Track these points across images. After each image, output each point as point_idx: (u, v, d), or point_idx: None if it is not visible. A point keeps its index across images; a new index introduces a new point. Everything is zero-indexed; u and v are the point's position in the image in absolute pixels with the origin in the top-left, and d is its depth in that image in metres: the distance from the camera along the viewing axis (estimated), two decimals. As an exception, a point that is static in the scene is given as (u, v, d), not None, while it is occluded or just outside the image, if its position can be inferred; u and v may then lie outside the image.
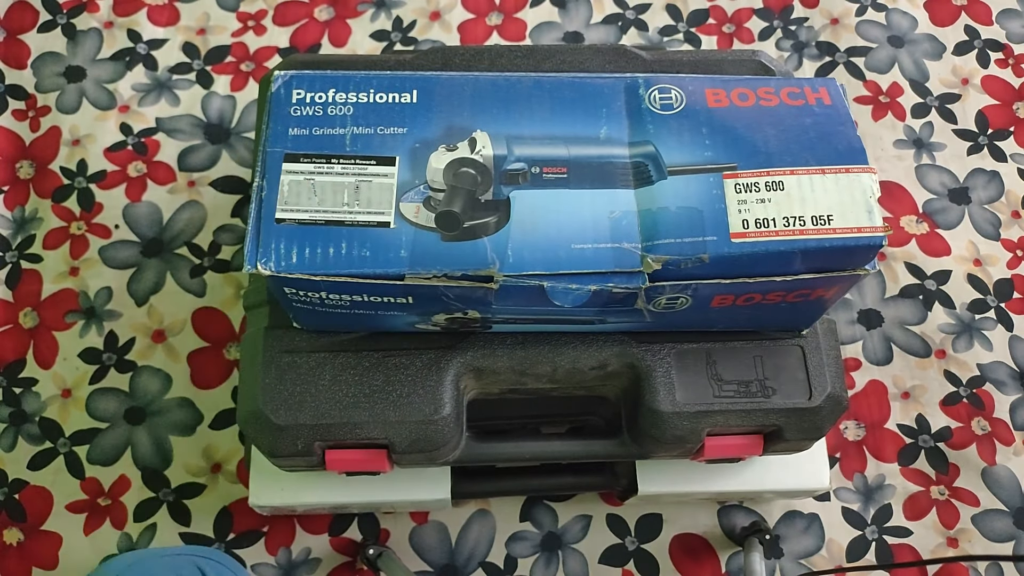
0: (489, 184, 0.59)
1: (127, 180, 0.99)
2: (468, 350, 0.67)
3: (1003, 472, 0.90)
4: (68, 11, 1.07)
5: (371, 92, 0.61)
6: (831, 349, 0.69)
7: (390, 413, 0.65)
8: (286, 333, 0.66)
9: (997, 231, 0.99)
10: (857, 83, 1.05)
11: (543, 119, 0.62)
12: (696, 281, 0.58)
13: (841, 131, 0.60)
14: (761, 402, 0.66)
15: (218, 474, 0.89)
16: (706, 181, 0.59)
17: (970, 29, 1.09)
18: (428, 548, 0.87)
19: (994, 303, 0.96)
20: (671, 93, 0.63)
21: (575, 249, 0.58)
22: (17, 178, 0.99)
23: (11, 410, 0.91)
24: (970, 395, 0.93)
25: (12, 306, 0.95)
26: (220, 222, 0.98)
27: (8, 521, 0.87)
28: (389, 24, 1.08)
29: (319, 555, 0.87)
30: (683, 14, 1.09)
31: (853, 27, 1.08)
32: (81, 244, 0.97)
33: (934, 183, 1.01)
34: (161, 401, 0.91)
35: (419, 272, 0.56)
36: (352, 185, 0.58)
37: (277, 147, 0.59)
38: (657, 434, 0.66)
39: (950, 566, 0.87)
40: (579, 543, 0.87)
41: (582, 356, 0.67)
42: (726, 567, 0.87)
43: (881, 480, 0.90)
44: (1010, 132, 1.04)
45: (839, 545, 0.87)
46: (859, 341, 0.95)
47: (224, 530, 0.87)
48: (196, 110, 1.02)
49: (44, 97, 1.03)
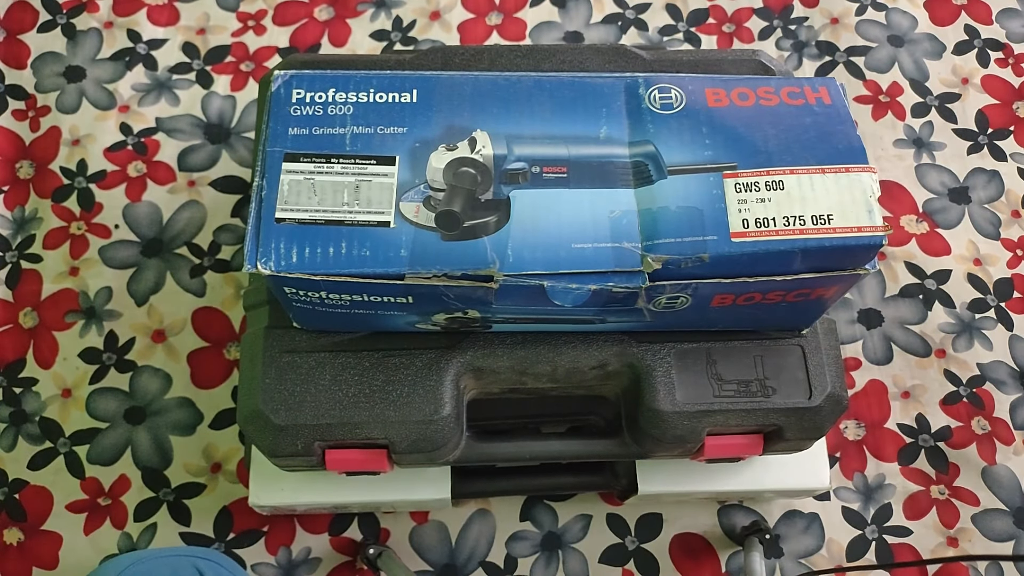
0: (489, 184, 0.59)
1: (127, 180, 0.99)
2: (468, 350, 0.67)
3: (1003, 472, 0.90)
4: (68, 11, 1.07)
5: (371, 92, 0.61)
6: (831, 349, 0.69)
7: (390, 413, 0.65)
8: (286, 333, 0.67)
9: (997, 230, 0.99)
10: (857, 83, 1.05)
11: (543, 119, 0.62)
12: (696, 280, 0.58)
13: (841, 130, 0.60)
14: (761, 402, 0.66)
15: (218, 474, 0.89)
16: (706, 181, 0.59)
17: (970, 29, 1.09)
18: (428, 548, 0.87)
19: (994, 302, 0.96)
20: (671, 93, 0.63)
21: (575, 248, 0.58)
22: (17, 178, 0.99)
23: (11, 410, 0.91)
24: (970, 394, 0.93)
25: (12, 306, 0.94)
26: (220, 222, 0.98)
27: (8, 521, 0.87)
28: (389, 24, 1.07)
29: (319, 555, 0.87)
30: (683, 14, 1.09)
31: (853, 27, 1.08)
32: (81, 244, 0.97)
33: (934, 183, 1.01)
34: (161, 401, 0.91)
35: (419, 272, 0.56)
36: (352, 185, 0.58)
37: (277, 147, 0.59)
38: (657, 434, 0.66)
39: (950, 566, 0.87)
40: (579, 543, 0.87)
41: (582, 356, 0.67)
42: (726, 567, 0.87)
43: (881, 480, 0.90)
44: (1010, 131, 1.04)
45: (839, 545, 0.87)
46: (859, 341, 0.95)
47: (224, 530, 0.87)
48: (196, 110, 1.02)
49: (44, 97, 1.03)
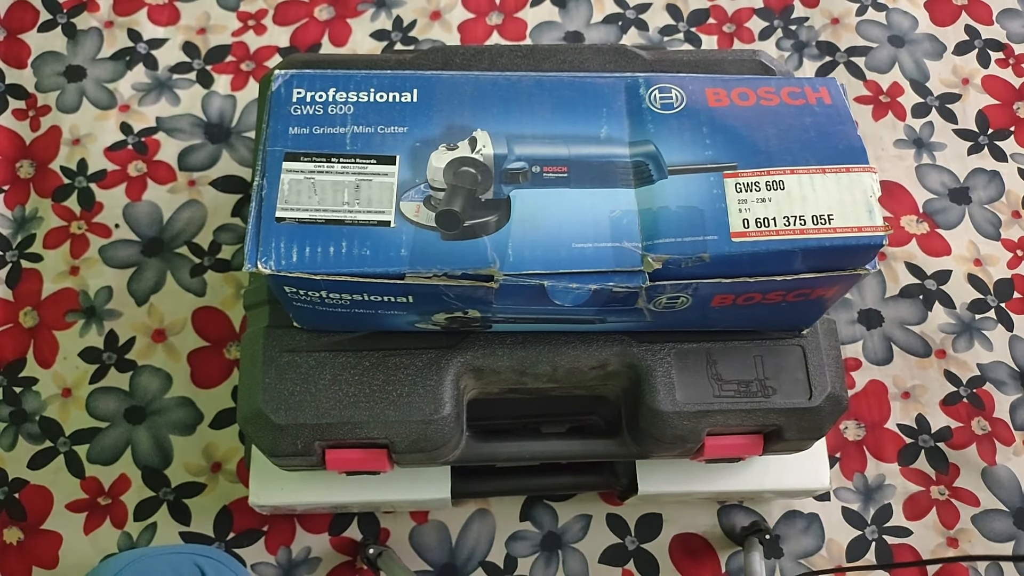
0: (489, 183, 0.59)
1: (127, 179, 0.99)
2: (468, 350, 0.67)
3: (1003, 472, 0.90)
4: (68, 10, 1.07)
5: (371, 91, 0.61)
6: (831, 349, 0.69)
7: (390, 413, 0.65)
8: (286, 333, 0.66)
9: (997, 231, 0.99)
10: (857, 83, 1.05)
11: (543, 118, 0.62)
12: (696, 280, 0.58)
13: (841, 131, 0.60)
14: (761, 402, 0.66)
15: (218, 473, 0.89)
16: (706, 180, 0.59)
17: (970, 29, 1.09)
18: (428, 548, 0.87)
19: (994, 303, 0.96)
20: (671, 93, 0.63)
21: (575, 248, 0.58)
22: (17, 177, 0.99)
23: (11, 409, 0.91)
24: (970, 395, 0.93)
25: (12, 305, 0.94)
26: (220, 221, 0.98)
27: (8, 520, 0.87)
28: (389, 24, 1.07)
29: (319, 554, 0.87)
30: (683, 14, 1.09)
31: (853, 27, 1.08)
32: (81, 243, 0.97)
33: (934, 183, 1.01)
34: (161, 400, 0.91)
35: (419, 271, 0.56)
36: (352, 184, 0.58)
37: (277, 146, 0.59)
38: (657, 434, 0.66)
39: (950, 566, 0.87)
40: (579, 543, 0.87)
41: (582, 356, 0.67)
42: (726, 567, 0.87)
43: (881, 480, 0.90)
44: (1010, 132, 1.04)
45: (839, 545, 0.87)
46: (859, 341, 0.95)
47: (224, 529, 0.87)
48: (196, 109, 1.02)
49: (44, 96, 1.03)
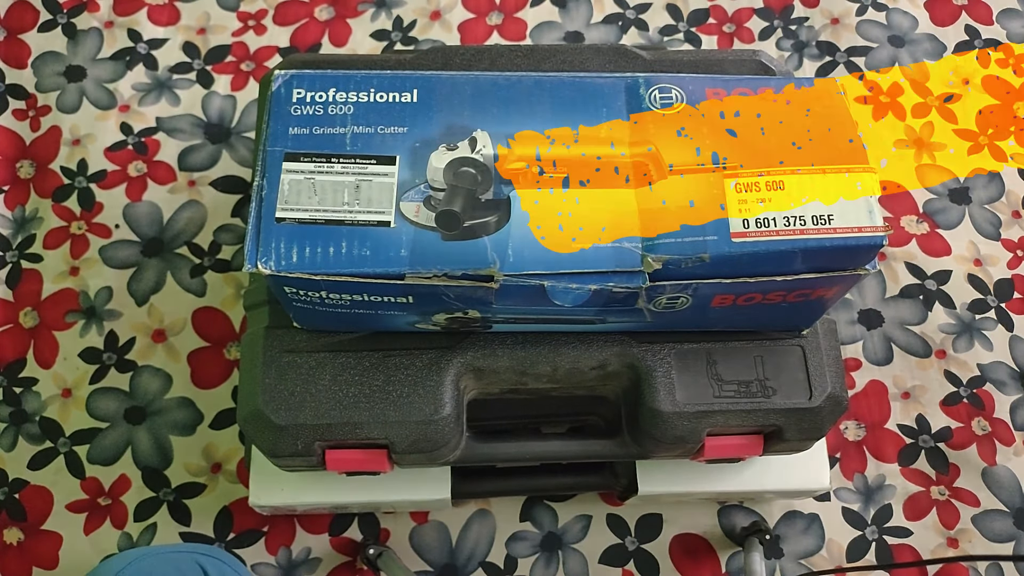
0: (489, 183, 0.59)
1: (127, 180, 0.99)
2: (468, 350, 0.66)
3: (1003, 472, 0.90)
4: (68, 11, 1.07)
5: (371, 91, 0.61)
6: (831, 349, 0.69)
7: (390, 413, 0.65)
8: (286, 333, 0.66)
9: (997, 231, 0.99)
10: (857, 83, 1.05)
11: (544, 118, 0.62)
12: (696, 281, 0.58)
13: (841, 131, 0.60)
14: (761, 402, 0.66)
15: (218, 474, 0.89)
16: (706, 180, 0.59)
17: (970, 29, 1.09)
18: (428, 548, 0.87)
19: (994, 303, 0.96)
20: (671, 93, 0.63)
21: (575, 248, 0.57)
22: (17, 178, 0.99)
23: (11, 410, 0.91)
24: (970, 395, 0.93)
25: (12, 306, 0.94)
26: (220, 222, 0.98)
27: (8, 521, 0.87)
28: (389, 24, 1.07)
29: (319, 555, 0.87)
30: (683, 14, 1.09)
31: (853, 27, 1.08)
32: (81, 244, 0.97)
33: (934, 183, 1.01)
34: (161, 401, 0.91)
35: (419, 271, 0.56)
36: (352, 184, 0.58)
37: (277, 146, 0.59)
38: (657, 434, 0.66)
39: (950, 566, 0.87)
40: (579, 543, 0.87)
41: (582, 356, 0.67)
42: (726, 567, 0.87)
43: (881, 480, 0.90)
44: (1010, 132, 1.04)
45: (839, 545, 0.87)
46: (859, 341, 0.95)
47: (224, 530, 0.87)
48: (196, 110, 1.02)
49: (44, 97, 1.03)
